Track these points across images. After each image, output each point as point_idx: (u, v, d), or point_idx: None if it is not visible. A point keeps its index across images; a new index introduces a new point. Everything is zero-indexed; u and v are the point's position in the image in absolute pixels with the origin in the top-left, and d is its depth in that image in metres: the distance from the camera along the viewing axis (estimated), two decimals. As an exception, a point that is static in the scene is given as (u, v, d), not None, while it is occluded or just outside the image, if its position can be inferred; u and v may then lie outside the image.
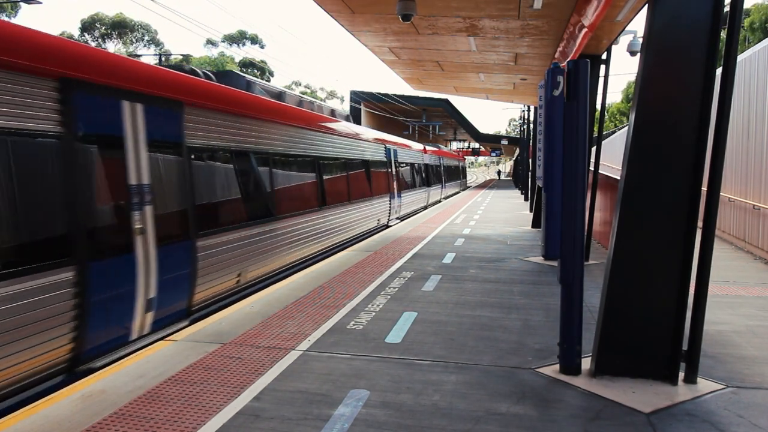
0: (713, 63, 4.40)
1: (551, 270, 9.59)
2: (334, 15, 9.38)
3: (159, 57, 47.17)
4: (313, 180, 11.23)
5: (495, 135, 72.31)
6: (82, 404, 4.28)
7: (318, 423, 3.98)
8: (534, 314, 6.82)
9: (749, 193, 11.25)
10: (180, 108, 6.87)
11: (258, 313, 6.85)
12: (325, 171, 11.93)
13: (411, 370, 4.99)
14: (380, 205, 16.89)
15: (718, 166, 4.44)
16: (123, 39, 57.14)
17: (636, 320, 4.71)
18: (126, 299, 5.77)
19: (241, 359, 5.26)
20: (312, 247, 11.00)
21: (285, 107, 10.49)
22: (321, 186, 11.59)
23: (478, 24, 9.44)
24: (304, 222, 10.59)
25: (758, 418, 4.09)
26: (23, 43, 4.84)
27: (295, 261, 10.36)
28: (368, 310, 7.01)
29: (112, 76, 5.77)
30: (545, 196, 4.77)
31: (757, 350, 5.50)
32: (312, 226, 10.92)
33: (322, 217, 11.50)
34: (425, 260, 10.60)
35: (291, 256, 10.09)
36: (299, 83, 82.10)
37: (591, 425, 3.97)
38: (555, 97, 4.66)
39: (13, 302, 4.47)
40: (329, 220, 11.93)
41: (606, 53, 10.02)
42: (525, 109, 32.65)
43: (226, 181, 7.96)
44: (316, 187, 11.33)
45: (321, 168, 11.68)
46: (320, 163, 11.64)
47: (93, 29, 56.19)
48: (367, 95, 38.69)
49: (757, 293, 7.86)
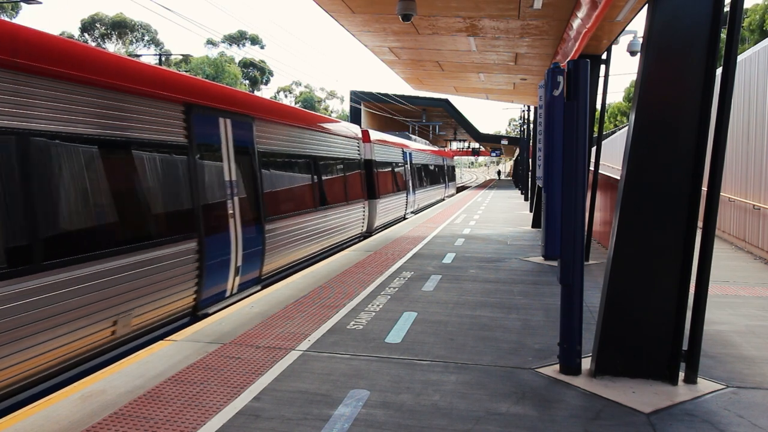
0: (713, 63, 4.40)
1: (551, 270, 9.59)
2: (334, 15, 9.38)
3: (159, 57, 47.18)
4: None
5: (495, 135, 72.32)
6: (82, 404, 4.28)
7: (318, 423, 3.98)
8: (534, 314, 6.82)
9: (749, 193, 11.25)
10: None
11: (258, 314, 6.85)
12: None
13: (411, 370, 4.99)
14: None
15: (718, 166, 4.44)
16: (123, 39, 57.14)
17: (636, 320, 4.71)
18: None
19: (241, 359, 5.26)
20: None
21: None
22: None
23: (478, 24, 9.44)
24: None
25: (758, 418, 4.08)
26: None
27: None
28: (368, 310, 7.01)
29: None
30: (545, 196, 4.77)
31: (757, 350, 5.50)
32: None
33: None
34: (425, 260, 10.59)
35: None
36: (299, 83, 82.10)
37: (591, 425, 3.97)
38: (555, 97, 4.66)
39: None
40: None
41: (606, 53, 10.03)
42: (525, 109, 32.64)
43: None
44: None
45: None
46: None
47: (93, 29, 56.19)
48: (367, 95, 38.70)
49: (757, 293, 7.86)
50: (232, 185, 7.98)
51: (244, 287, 8.38)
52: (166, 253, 6.45)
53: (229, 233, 7.82)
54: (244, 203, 8.30)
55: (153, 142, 6.40)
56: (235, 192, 8.04)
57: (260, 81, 68.50)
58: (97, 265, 5.46)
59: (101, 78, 5.72)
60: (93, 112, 5.59)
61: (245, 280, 8.34)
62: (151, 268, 6.19)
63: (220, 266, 7.54)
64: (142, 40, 58.67)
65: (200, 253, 7.06)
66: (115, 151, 5.87)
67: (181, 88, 7.05)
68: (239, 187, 8.21)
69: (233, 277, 7.95)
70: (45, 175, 4.97)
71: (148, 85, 6.42)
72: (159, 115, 6.56)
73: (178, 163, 6.81)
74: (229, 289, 7.92)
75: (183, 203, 6.88)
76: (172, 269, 6.55)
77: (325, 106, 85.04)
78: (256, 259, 8.63)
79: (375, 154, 16.75)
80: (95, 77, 5.64)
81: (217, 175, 7.67)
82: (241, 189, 8.25)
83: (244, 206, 8.31)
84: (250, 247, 8.39)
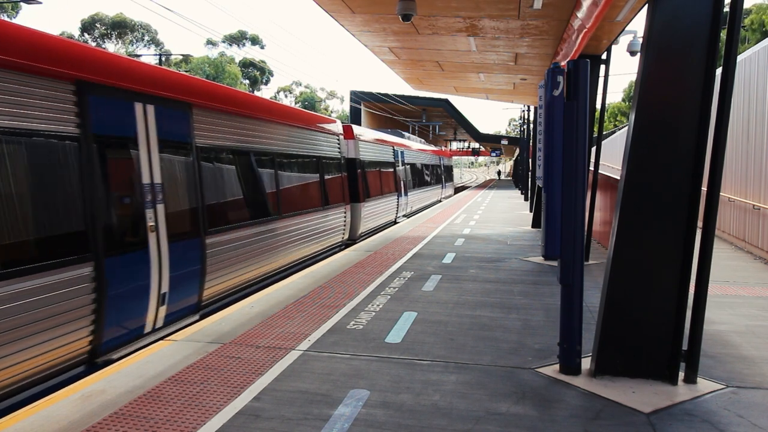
0: (713, 63, 4.40)
1: (551, 270, 9.59)
2: (334, 15, 9.38)
3: (159, 57, 47.18)
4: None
5: (495, 135, 72.30)
6: (82, 404, 4.28)
7: (318, 423, 3.98)
8: (534, 314, 6.82)
9: (749, 193, 11.25)
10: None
11: (258, 313, 6.85)
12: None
13: (411, 370, 4.99)
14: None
15: (718, 166, 4.44)
16: (123, 39, 57.16)
17: (636, 320, 4.71)
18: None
19: (241, 359, 5.26)
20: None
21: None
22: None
23: (478, 24, 9.44)
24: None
25: (758, 418, 4.08)
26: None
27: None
28: (368, 310, 7.01)
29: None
30: (545, 196, 4.77)
31: (757, 350, 5.50)
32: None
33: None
34: (425, 260, 10.59)
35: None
36: (299, 83, 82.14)
37: (591, 425, 3.97)
38: (555, 97, 4.66)
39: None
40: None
41: (606, 53, 10.02)
42: (525, 109, 32.64)
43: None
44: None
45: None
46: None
47: (93, 29, 56.20)
48: (367, 95, 38.73)
49: (757, 293, 7.86)
50: (154, 190, 6.29)
51: (175, 318, 6.75)
52: (37, 285, 4.73)
53: (147, 252, 6.13)
54: (174, 212, 6.65)
55: (20, 131, 4.71)
56: (159, 198, 6.34)
57: (260, 81, 68.52)
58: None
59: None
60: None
61: (176, 309, 6.71)
62: (14, 307, 4.53)
63: (132, 295, 5.89)
64: (142, 40, 58.68)
65: (98, 281, 5.37)
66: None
67: (72, 62, 5.34)
68: (167, 192, 6.54)
69: (155, 307, 6.29)
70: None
71: (16, 53, 4.77)
72: (33, 96, 4.86)
73: (61, 160, 5.14)
74: (150, 323, 6.29)
75: (69, 216, 5.18)
76: (50, 306, 4.85)
77: (325, 106, 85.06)
78: (192, 281, 6.99)
79: (360, 153, 15.22)
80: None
81: (129, 177, 5.97)
82: (170, 194, 6.59)
83: (175, 216, 6.67)
84: (182, 267, 6.74)
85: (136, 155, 6.10)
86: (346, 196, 13.60)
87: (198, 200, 7.19)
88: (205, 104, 7.56)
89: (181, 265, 6.73)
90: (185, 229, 6.90)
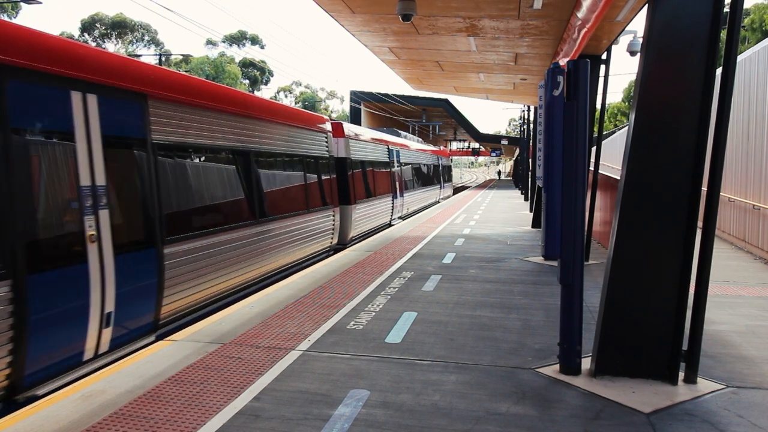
0: (713, 63, 4.40)
1: (551, 270, 9.59)
2: (334, 15, 9.39)
3: (159, 57, 47.19)
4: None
5: (495, 135, 72.33)
6: (82, 404, 4.28)
7: (318, 423, 3.98)
8: (534, 314, 6.82)
9: (749, 193, 11.25)
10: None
11: (258, 313, 6.85)
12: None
13: (411, 370, 4.99)
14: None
15: (718, 166, 4.44)
16: (123, 39, 57.17)
17: (636, 320, 4.71)
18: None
19: (241, 359, 5.26)
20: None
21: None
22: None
23: (478, 24, 9.44)
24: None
25: (758, 418, 4.08)
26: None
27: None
28: (368, 310, 7.01)
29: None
30: (545, 196, 4.77)
31: (757, 350, 5.50)
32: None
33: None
34: (425, 260, 10.59)
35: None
36: (299, 83, 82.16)
37: (591, 425, 3.97)
38: (555, 97, 4.66)
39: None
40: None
41: (606, 53, 10.03)
42: (525, 109, 32.66)
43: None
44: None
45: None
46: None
47: (93, 29, 56.21)
48: (367, 95, 38.76)
49: (757, 293, 7.86)
50: (96, 193, 5.40)
51: (125, 341, 5.88)
52: None
53: (86, 266, 5.25)
54: (122, 219, 5.83)
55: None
56: (102, 203, 5.45)
57: (260, 81, 68.54)
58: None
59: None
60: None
61: (125, 330, 5.84)
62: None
63: (64, 318, 5.03)
64: (142, 40, 58.68)
65: (17, 303, 4.53)
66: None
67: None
68: (114, 195, 5.70)
69: (97, 330, 5.38)
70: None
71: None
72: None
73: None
74: (91, 350, 5.39)
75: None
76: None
77: (325, 106, 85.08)
78: (146, 298, 6.14)
79: (351, 152, 14.42)
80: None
81: (61, 178, 5.12)
82: (117, 198, 5.77)
83: (123, 223, 5.84)
84: (133, 281, 5.88)
85: (71, 153, 5.22)
86: (335, 198, 12.82)
87: (155, 205, 6.34)
88: (163, 95, 6.67)
89: (132, 280, 5.89)
90: (137, 238, 6.09)
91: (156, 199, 6.36)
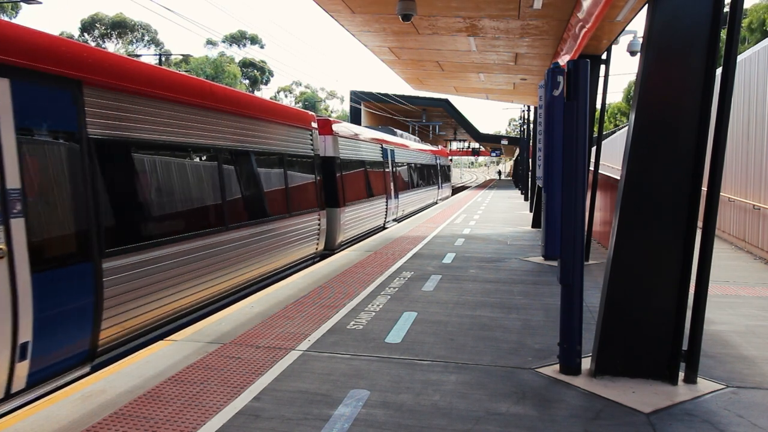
0: (713, 63, 4.40)
1: (551, 270, 9.59)
2: (334, 15, 9.39)
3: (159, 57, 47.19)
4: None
5: (495, 135, 72.34)
6: (82, 404, 4.28)
7: (318, 423, 3.98)
8: (534, 314, 6.82)
9: (749, 193, 11.25)
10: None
11: (258, 314, 6.85)
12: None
13: (411, 370, 4.99)
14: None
15: (718, 166, 4.44)
16: (123, 39, 57.17)
17: (636, 320, 4.71)
18: None
19: (241, 359, 5.26)
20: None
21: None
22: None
23: (478, 24, 9.44)
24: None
25: (758, 418, 4.08)
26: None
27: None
28: (368, 310, 7.01)
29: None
30: (545, 196, 4.77)
31: (757, 350, 5.50)
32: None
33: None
34: (425, 260, 10.60)
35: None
36: (299, 83, 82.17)
37: (591, 425, 3.97)
38: (555, 97, 4.66)
39: None
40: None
41: (606, 53, 10.03)
42: (525, 109, 32.66)
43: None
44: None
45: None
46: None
47: (93, 29, 56.21)
48: (367, 95, 38.77)
49: (757, 293, 7.86)
50: (6, 198, 4.44)
51: (48, 374, 4.92)
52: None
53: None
54: (43, 229, 4.84)
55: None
56: (15, 210, 4.50)
57: (260, 81, 68.55)
58: None
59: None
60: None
61: (48, 363, 4.88)
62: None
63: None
64: (142, 40, 58.72)
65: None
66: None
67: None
68: (33, 201, 4.73)
69: (8, 364, 4.47)
70: None
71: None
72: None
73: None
74: (0, 388, 4.46)
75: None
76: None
77: (325, 106, 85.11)
78: (77, 322, 5.19)
79: (340, 151, 13.46)
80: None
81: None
82: (36, 205, 4.77)
83: (45, 234, 4.86)
84: (59, 303, 4.94)
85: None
86: (320, 200, 11.79)
87: (90, 211, 5.37)
88: (104, 82, 5.69)
89: (58, 301, 4.95)
90: (65, 251, 5.12)
91: (92, 205, 5.39)
